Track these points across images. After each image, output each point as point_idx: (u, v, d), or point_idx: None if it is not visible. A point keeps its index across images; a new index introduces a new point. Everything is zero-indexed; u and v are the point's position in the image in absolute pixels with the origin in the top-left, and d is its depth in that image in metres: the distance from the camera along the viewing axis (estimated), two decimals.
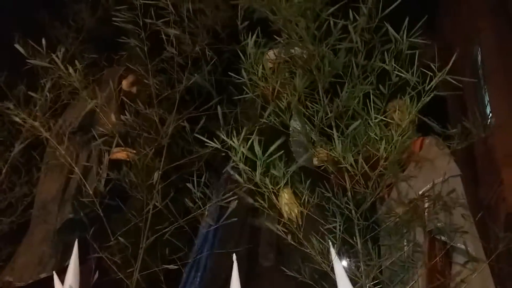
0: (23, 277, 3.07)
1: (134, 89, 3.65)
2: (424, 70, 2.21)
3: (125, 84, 3.65)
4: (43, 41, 2.88)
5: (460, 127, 2.65)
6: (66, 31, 4.06)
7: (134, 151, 3.24)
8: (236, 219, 2.80)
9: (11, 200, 3.48)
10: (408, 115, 2.23)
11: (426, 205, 3.07)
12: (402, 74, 2.26)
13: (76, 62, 2.95)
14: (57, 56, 2.80)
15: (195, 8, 3.28)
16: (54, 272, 2.35)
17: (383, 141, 2.30)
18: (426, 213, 3.06)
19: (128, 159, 3.26)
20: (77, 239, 2.91)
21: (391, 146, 2.28)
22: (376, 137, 2.32)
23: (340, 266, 1.80)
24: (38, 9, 4.11)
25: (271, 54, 3.13)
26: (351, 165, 2.34)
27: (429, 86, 2.18)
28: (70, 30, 4.10)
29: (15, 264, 3.17)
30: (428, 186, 3.11)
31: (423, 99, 2.22)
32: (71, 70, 2.83)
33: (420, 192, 3.08)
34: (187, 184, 2.72)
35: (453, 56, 2.26)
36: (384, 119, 2.32)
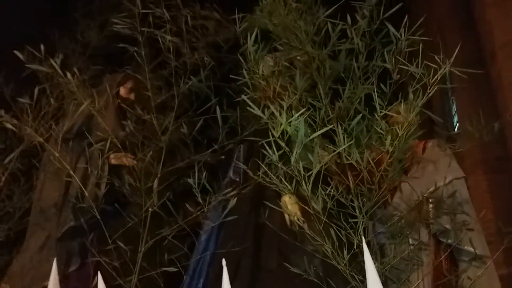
0: (24, 285, 3.01)
1: (132, 96, 3.63)
2: (428, 63, 2.20)
3: (123, 90, 3.63)
4: (42, 47, 2.88)
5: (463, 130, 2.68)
6: (73, 46, 4.09)
7: (134, 157, 3.22)
8: (236, 216, 2.75)
9: (9, 209, 3.43)
10: (412, 110, 2.21)
11: (431, 207, 3.06)
12: (407, 68, 2.25)
13: (74, 68, 2.95)
14: (55, 61, 2.81)
15: (195, 22, 3.33)
16: None
17: (389, 137, 2.29)
18: (430, 215, 3.05)
19: (128, 165, 3.23)
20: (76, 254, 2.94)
21: (396, 142, 2.26)
22: (382, 132, 2.31)
23: (371, 264, 1.75)
24: (46, 25, 4.14)
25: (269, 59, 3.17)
26: (356, 161, 2.31)
27: (434, 78, 2.16)
28: (77, 45, 4.12)
29: (13, 272, 3.10)
30: (432, 188, 3.10)
31: (428, 91, 2.21)
32: (68, 75, 2.83)
33: (424, 195, 3.08)
34: (189, 180, 2.65)
35: (457, 48, 2.26)
36: (389, 113, 2.31)
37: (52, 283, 2.18)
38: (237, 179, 3.36)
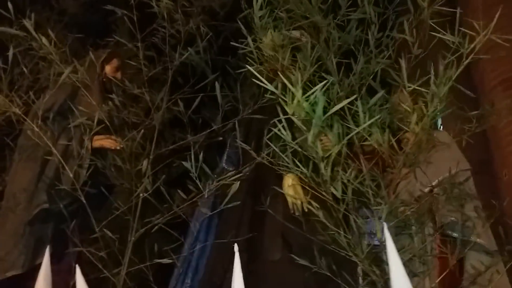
0: None
1: (118, 75, 3.31)
2: (465, 30, 1.96)
3: (108, 69, 3.30)
4: (10, 5, 2.50)
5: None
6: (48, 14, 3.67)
7: (119, 139, 2.92)
8: (234, 204, 2.48)
9: None
10: (446, 83, 1.97)
11: (436, 199, 2.87)
12: (440, 36, 2.00)
13: (50, 32, 2.59)
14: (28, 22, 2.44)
15: None
16: None
17: (414, 115, 2.05)
18: (436, 208, 2.86)
19: (112, 147, 2.93)
20: (48, 243, 2.60)
21: (424, 119, 2.01)
22: (408, 109, 2.06)
23: (395, 253, 1.53)
24: None
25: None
26: (377, 142, 2.06)
27: (471, 46, 1.92)
28: (52, 12, 3.71)
29: None
30: (437, 180, 2.92)
31: (463, 61, 1.97)
32: (44, 40, 2.47)
33: (429, 187, 2.88)
34: (185, 164, 2.36)
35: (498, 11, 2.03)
36: (418, 88, 2.06)
37: (43, 274, 1.88)
38: (230, 169, 3.11)
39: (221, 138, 2.97)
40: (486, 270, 2.56)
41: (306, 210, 2.50)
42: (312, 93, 1.75)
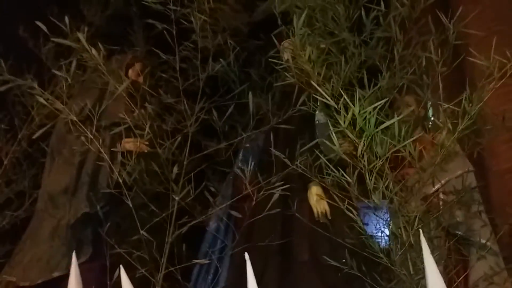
0: (30, 276, 2.77)
1: (140, 79, 3.43)
2: (498, 57, 2.13)
3: (131, 73, 3.43)
4: (66, 19, 2.64)
5: None
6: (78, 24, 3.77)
7: (147, 142, 3.03)
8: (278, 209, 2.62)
9: (10, 195, 3.17)
10: (477, 104, 2.14)
11: (441, 201, 3.04)
12: (477, 61, 2.17)
13: (99, 44, 2.72)
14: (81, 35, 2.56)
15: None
16: None
17: (444, 130, 2.22)
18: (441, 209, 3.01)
19: (140, 150, 3.05)
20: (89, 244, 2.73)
21: (456, 134, 2.17)
22: (441, 125, 2.23)
23: (432, 260, 1.67)
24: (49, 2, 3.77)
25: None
26: (409, 154, 2.21)
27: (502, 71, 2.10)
28: (83, 23, 3.81)
29: (16, 262, 2.87)
30: (443, 181, 3.06)
31: (495, 85, 2.14)
32: (94, 51, 2.59)
33: (435, 189, 3.02)
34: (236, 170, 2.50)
35: None
36: (452, 107, 2.23)
37: (73, 277, 2.00)
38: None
39: (247, 145, 3.10)
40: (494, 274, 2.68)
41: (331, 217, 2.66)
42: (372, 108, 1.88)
